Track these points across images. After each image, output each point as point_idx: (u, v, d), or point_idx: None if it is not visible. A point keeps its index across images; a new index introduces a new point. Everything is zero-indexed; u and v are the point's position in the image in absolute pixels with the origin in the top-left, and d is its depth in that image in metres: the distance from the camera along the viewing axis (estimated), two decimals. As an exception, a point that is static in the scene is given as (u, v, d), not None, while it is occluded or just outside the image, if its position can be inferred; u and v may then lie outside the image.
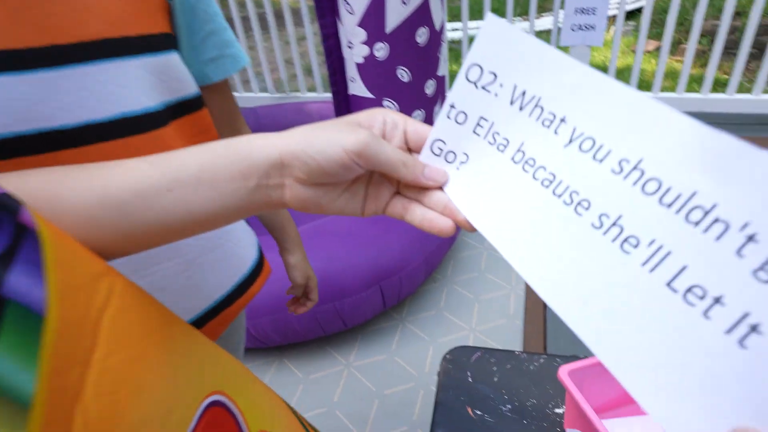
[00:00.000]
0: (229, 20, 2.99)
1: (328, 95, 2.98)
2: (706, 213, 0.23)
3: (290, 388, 1.51)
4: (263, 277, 0.77)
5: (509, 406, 0.76)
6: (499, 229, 0.32)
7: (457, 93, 0.34)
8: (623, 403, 0.97)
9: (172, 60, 0.55)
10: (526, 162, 0.31)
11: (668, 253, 0.24)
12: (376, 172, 0.36)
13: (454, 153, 0.35)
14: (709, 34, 2.83)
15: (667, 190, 0.24)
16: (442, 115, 0.35)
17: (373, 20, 1.42)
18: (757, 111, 2.26)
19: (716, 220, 0.23)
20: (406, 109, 1.57)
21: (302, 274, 0.87)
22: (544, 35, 3.31)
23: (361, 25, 1.43)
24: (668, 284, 0.24)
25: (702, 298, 0.23)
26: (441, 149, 0.35)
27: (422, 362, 1.52)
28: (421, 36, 1.47)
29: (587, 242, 0.27)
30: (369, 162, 0.32)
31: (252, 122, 2.05)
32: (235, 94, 3.13)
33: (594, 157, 0.28)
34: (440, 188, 0.35)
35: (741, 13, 2.40)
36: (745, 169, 0.22)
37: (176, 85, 0.56)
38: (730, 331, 0.22)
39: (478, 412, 0.75)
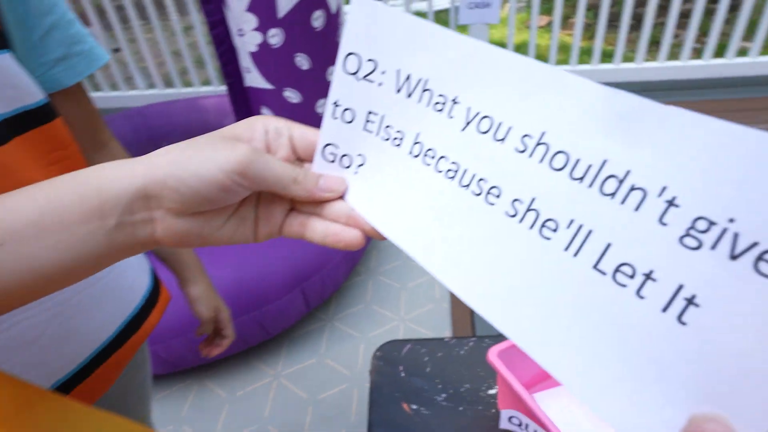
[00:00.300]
0: (101, 10, 2.68)
1: (224, 88, 2.79)
2: (621, 182, 0.21)
3: (214, 411, 1.39)
4: (161, 306, 0.67)
5: (444, 395, 0.75)
6: (409, 233, 0.29)
7: (338, 89, 0.31)
8: (549, 374, 1.00)
9: (2, 63, 0.44)
10: (426, 154, 0.28)
11: (590, 233, 0.22)
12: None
13: (348, 156, 0.31)
14: (593, 8, 3.00)
15: (576, 163, 0.22)
16: (326, 116, 0.32)
17: (263, 5, 1.31)
18: (641, 78, 2.44)
19: (632, 188, 0.21)
20: (310, 99, 1.48)
21: (209, 307, 0.75)
22: (442, 14, 3.33)
23: (251, 10, 1.31)
24: (595, 267, 0.22)
25: (632, 276, 0.21)
26: (334, 154, 0.32)
27: (354, 360, 1.47)
28: (318, 20, 1.38)
29: (504, 233, 0.25)
30: (253, 182, 0.28)
31: (140, 124, 1.84)
32: (118, 93, 2.85)
33: (495, 137, 0.25)
34: (340, 197, 0.32)
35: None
36: (653, 127, 0.20)
37: (12, 94, 0.45)
38: (666, 308, 0.20)
39: (414, 406, 0.74)
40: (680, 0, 2.25)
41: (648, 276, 0.20)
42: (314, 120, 1.53)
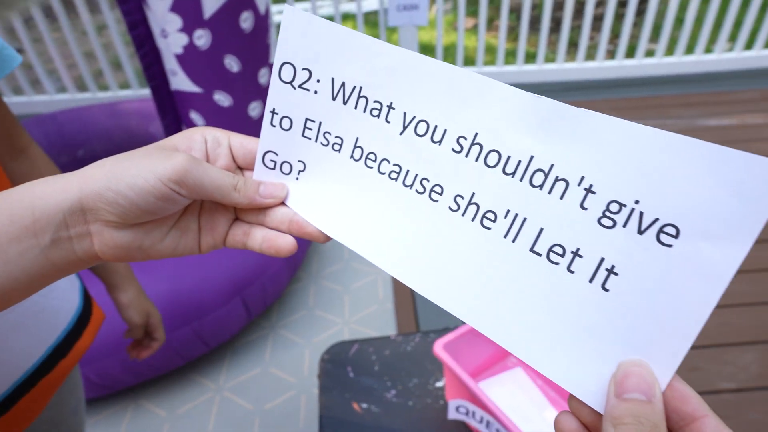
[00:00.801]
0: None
1: (146, 91, 2.64)
2: (547, 174, 0.24)
3: (153, 431, 1.32)
4: (93, 326, 0.63)
5: (393, 392, 0.77)
6: (355, 232, 0.30)
7: (275, 97, 0.32)
8: (494, 362, 1.04)
9: None
10: (367, 157, 0.30)
11: (524, 220, 0.25)
12: (207, 200, 0.32)
13: (289, 163, 0.32)
14: (516, 11, 3.13)
15: (508, 160, 0.25)
16: (265, 124, 0.32)
17: (187, 5, 1.25)
18: (562, 78, 2.58)
19: (557, 179, 0.24)
20: (242, 101, 1.44)
21: (140, 313, 0.73)
22: (371, 16, 3.35)
23: (174, 10, 1.25)
24: (531, 249, 0.25)
25: (563, 255, 0.24)
26: (274, 161, 0.32)
27: (300, 367, 1.45)
28: (246, 21, 1.34)
29: (449, 226, 0.27)
30: (193, 190, 0.28)
31: (53, 131, 1.70)
32: (23, 98, 2.61)
33: (432, 139, 0.27)
34: (283, 204, 0.32)
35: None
36: (570, 127, 0.24)
37: None
38: (592, 279, 0.24)
39: (364, 405, 0.75)
40: (593, 4, 2.40)
41: (575, 253, 0.24)
42: (247, 124, 1.49)
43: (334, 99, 0.30)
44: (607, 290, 0.23)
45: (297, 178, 0.32)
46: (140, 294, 0.73)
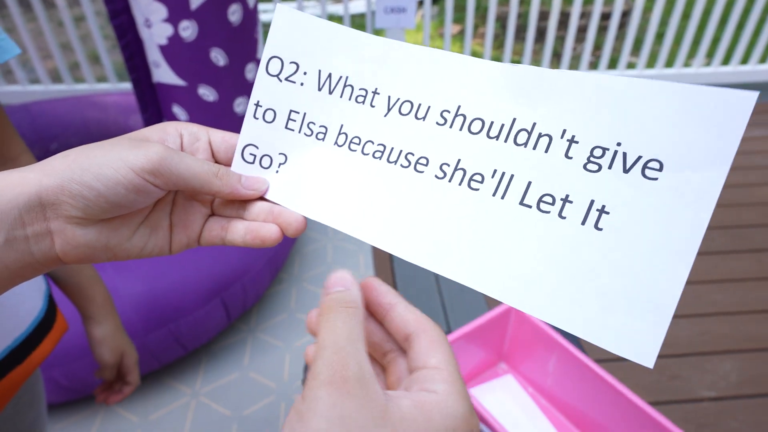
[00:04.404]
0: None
1: (125, 85, 2.56)
2: (530, 133, 0.26)
3: (125, 439, 1.26)
4: (55, 333, 0.57)
5: None
6: (340, 211, 0.30)
7: (261, 90, 0.32)
8: (484, 369, 1.03)
9: None
10: (352, 141, 0.31)
11: (512, 177, 0.26)
12: (181, 194, 0.31)
13: (269, 157, 0.32)
14: (501, 19, 3.16)
15: (491, 125, 0.27)
16: (248, 117, 0.33)
17: (173, -7, 1.21)
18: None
19: (540, 136, 0.26)
20: (227, 96, 1.40)
21: (113, 351, 0.65)
22: (358, 18, 3.33)
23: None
24: (521, 203, 0.26)
25: (553, 203, 0.25)
26: (254, 155, 0.32)
27: (280, 372, 1.40)
28: (234, 14, 1.31)
29: (437, 194, 0.28)
30: (169, 179, 0.27)
31: (26, 123, 1.62)
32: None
33: (416, 116, 0.29)
34: (261, 198, 0.32)
35: (524, 1, 2.74)
36: (547, 87, 0.25)
37: None
38: (584, 221, 0.25)
39: None
40: (578, 16, 2.44)
41: (565, 200, 0.25)
42: (232, 119, 1.44)
43: (320, 89, 0.31)
44: (600, 229, 0.24)
45: (277, 171, 0.32)
46: (117, 330, 0.66)
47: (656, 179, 0.23)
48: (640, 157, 0.24)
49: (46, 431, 0.67)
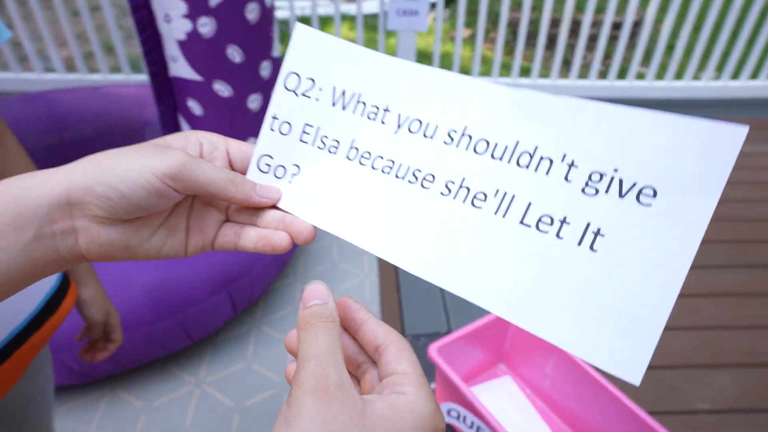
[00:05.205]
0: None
1: (139, 77, 2.59)
2: (532, 155, 0.27)
3: (129, 422, 1.28)
4: (68, 303, 0.61)
5: None
6: (348, 222, 0.32)
7: (278, 103, 0.34)
8: (483, 369, 1.06)
9: None
10: (362, 156, 0.32)
11: (513, 197, 0.28)
12: (198, 200, 0.33)
13: (283, 167, 0.34)
14: (512, 25, 3.18)
15: (495, 146, 0.28)
16: (264, 129, 0.34)
17: (194, -10, 1.24)
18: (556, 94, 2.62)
19: (541, 159, 0.27)
20: (241, 93, 1.42)
21: (100, 310, 0.71)
22: (370, 19, 3.35)
23: (181, -5, 1.24)
24: (521, 222, 0.27)
25: (551, 224, 0.27)
26: (269, 165, 0.34)
27: (283, 365, 1.43)
28: (252, 12, 1.33)
29: (441, 209, 0.29)
30: (188, 185, 0.29)
31: (42, 111, 1.65)
32: (9, 74, 2.54)
33: (425, 135, 0.30)
34: (274, 207, 0.33)
35: (536, 8, 2.75)
36: (549, 112, 0.27)
37: None
38: (580, 242, 0.26)
39: None
40: (589, 24, 2.45)
41: (563, 221, 0.26)
42: (246, 115, 1.47)
43: (334, 105, 0.33)
44: (595, 251, 0.26)
45: (290, 182, 0.34)
46: (101, 291, 0.71)
47: (650, 205, 0.24)
48: (635, 184, 0.25)
49: (54, 401, 0.70)
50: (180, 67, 1.36)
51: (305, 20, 2.66)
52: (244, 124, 1.46)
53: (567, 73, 2.67)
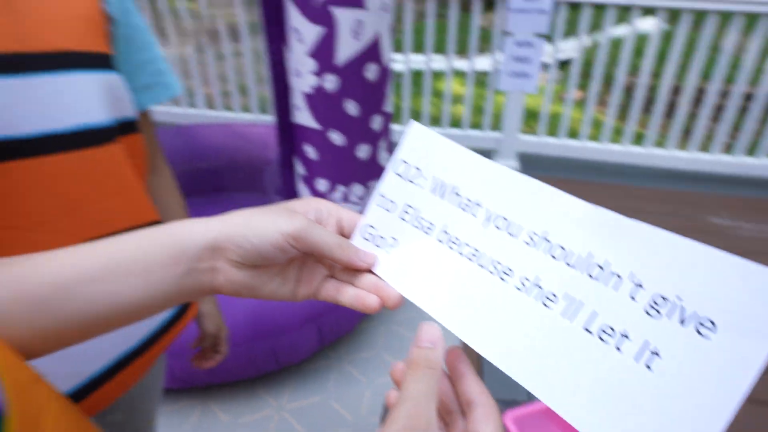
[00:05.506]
0: (162, 31, 2.84)
1: (265, 117, 2.89)
2: (602, 269, 0.30)
3: (215, 435, 1.39)
4: (191, 314, 0.71)
5: None
6: (432, 299, 0.35)
7: (386, 184, 0.39)
8: None
9: (116, 79, 0.55)
10: (452, 241, 0.35)
11: (581, 304, 0.30)
12: (310, 256, 0.37)
13: (383, 238, 0.38)
14: (628, 90, 3.09)
15: (570, 254, 0.31)
16: (372, 204, 0.39)
17: (324, 52, 1.39)
18: (670, 166, 2.48)
19: (611, 274, 0.29)
20: (353, 142, 1.54)
21: (214, 324, 0.82)
22: (481, 76, 3.45)
23: (312, 55, 1.39)
24: (585, 328, 0.29)
25: (612, 336, 0.29)
26: (371, 234, 0.38)
27: (358, 406, 1.47)
28: (371, 72, 1.46)
29: (514, 302, 0.32)
30: (305, 244, 0.34)
31: (182, 142, 1.91)
32: (161, 108, 2.96)
33: (509, 233, 0.34)
34: (370, 271, 0.37)
35: (656, 74, 2.66)
36: (623, 233, 0.29)
37: (120, 105, 0.56)
38: (637, 358, 0.28)
39: None
40: (715, 94, 2.32)
41: (624, 335, 0.28)
42: (354, 163, 1.58)
43: (433, 192, 0.37)
44: (650, 369, 0.27)
45: (387, 252, 0.38)
46: (216, 307, 0.82)
47: (708, 338, 0.26)
48: (696, 314, 0.26)
49: (161, 400, 0.80)
50: (302, 116, 1.52)
51: (419, 73, 2.80)
52: (353, 171, 1.58)
53: (686, 144, 2.53)
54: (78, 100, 0.50)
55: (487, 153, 2.91)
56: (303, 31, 1.38)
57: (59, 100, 0.48)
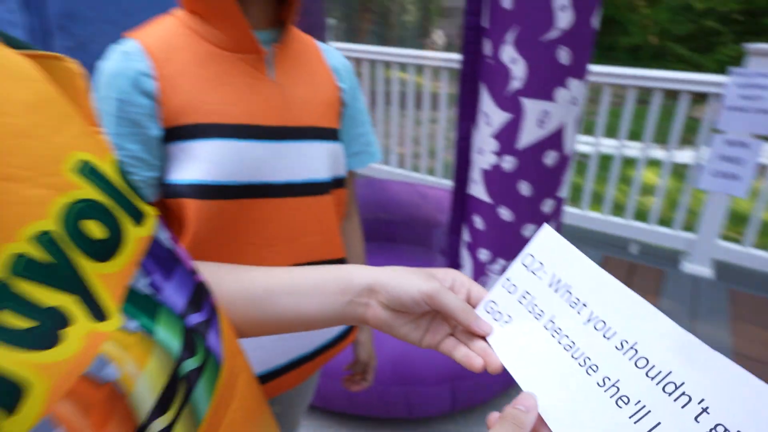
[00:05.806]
0: (373, 94, 3.29)
1: (446, 182, 3.10)
2: (677, 387, 0.33)
3: (341, 460, 1.51)
4: (350, 338, 0.86)
5: None
6: (528, 377, 0.40)
7: (513, 271, 0.46)
8: None
9: (338, 148, 0.74)
10: (555, 330, 0.41)
11: (648, 412, 0.33)
12: (439, 314, 0.45)
13: (501, 313, 0.45)
14: None
15: (652, 367, 0.35)
16: (498, 285, 0.46)
17: (507, 135, 1.50)
18: None
19: (683, 394, 0.33)
20: (520, 220, 1.60)
21: (367, 353, 0.94)
22: (681, 168, 3.18)
23: (496, 137, 1.52)
24: None
25: None
26: (492, 309, 0.45)
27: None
28: (550, 158, 1.52)
29: (593, 395, 0.36)
30: (436, 304, 0.42)
31: (370, 192, 2.20)
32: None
33: (604, 335, 0.38)
34: (484, 339, 0.43)
35: None
36: (703, 361, 0.33)
37: (337, 166, 0.74)
38: None
39: None
40: None
41: None
42: (518, 240, 1.64)
43: (549, 286, 0.43)
44: None
45: (501, 326, 0.44)
46: (371, 338, 0.95)
47: None
48: None
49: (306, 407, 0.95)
50: (477, 189, 1.64)
51: (607, 158, 2.73)
52: (516, 247, 1.62)
53: None
54: (312, 161, 0.69)
55: (675, 254, 2.64)
56: (492, 116, 1.52)
57: (301, 160, 0.68)
